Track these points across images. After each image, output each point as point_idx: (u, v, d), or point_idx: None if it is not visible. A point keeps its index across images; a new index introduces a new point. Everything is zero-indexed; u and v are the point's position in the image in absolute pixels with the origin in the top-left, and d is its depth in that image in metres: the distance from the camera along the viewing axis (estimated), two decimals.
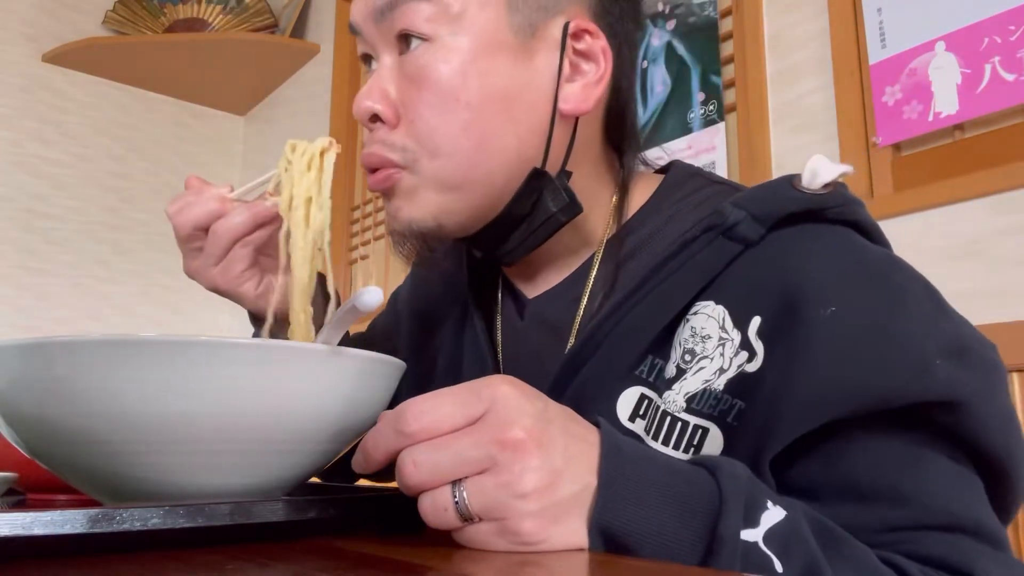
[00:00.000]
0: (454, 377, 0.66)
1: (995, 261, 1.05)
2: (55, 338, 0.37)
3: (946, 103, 1.12)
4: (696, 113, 1.45)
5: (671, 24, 1.53)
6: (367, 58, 0.60)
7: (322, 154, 0.56)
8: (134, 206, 2.66)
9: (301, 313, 0.55)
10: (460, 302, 0.68)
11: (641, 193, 0.62)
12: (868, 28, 1.22)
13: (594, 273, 0.60)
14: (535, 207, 0.57)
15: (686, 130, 1.46)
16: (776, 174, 1.18)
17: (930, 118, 1.13)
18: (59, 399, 0.38)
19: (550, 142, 0.56)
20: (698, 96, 1.46)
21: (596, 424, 0.40)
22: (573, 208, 0.57)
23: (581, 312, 0.59)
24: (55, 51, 2.50)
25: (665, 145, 1.48)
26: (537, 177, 0.56)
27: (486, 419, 0.37)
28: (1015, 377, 0.90)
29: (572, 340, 0.59)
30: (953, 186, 1.10)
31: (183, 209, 0.60)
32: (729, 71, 1.43)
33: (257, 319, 0.66)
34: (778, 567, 0.38)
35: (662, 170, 0.66)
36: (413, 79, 0.55)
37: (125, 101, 2.70)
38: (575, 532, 0.37)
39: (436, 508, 0.36)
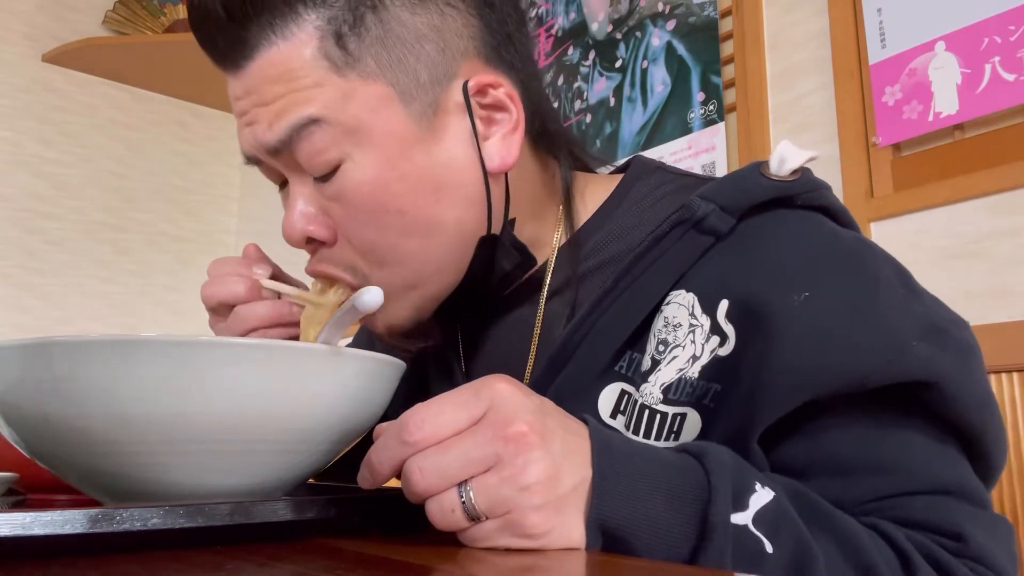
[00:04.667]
0: (422, 388, 0.67)
1: (995, 261, 1.05)
2: (55, 338, 0.37)
3: (946, 103, 1.12)
4: (696, 113, 1.45)
5: (671, 24, 1.52)
6: (279, 180, 0.57)
7: None
8: (134, 206, 2.66)
9: None
10: None
11: (597, 193, 0.62)
12: (868, 28, 1.22)
13: (548, 279, 0.60)
14: (490, 268, 0.58)
15: (686, 130, 1.46)
16: None
17: (930, 118, 1.13)
18: (59, 399, 0.38)
19: (491, 205, 0.56)
20: (698, 96, 1.46)
21: (584, 421, 0.41)
22: (527, 263, 0.58)
23: (541, 312, 0.60)
24: (55, 51, 2.50)
25: (665, 145, 1.49)
26: (486, 243, 0.56)
27: (487, 418, 0.37)
28: (1015, 377, 0.90)
29: (536, 338, 0.59)
30: (953, 186, 1.09)
31: (214, 282, 0.59)
32: (729, 71, 1.43)
33: None
34: (768, 548, 0.39)
35: (622, 168, 0.66)
36: (337, 200, 0.53)
37: (125, 101, 2.70)
38: (575, 525, 0.37)
39: (444, 510, 0.36)
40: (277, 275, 0.61)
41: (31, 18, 2.53)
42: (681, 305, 0.50)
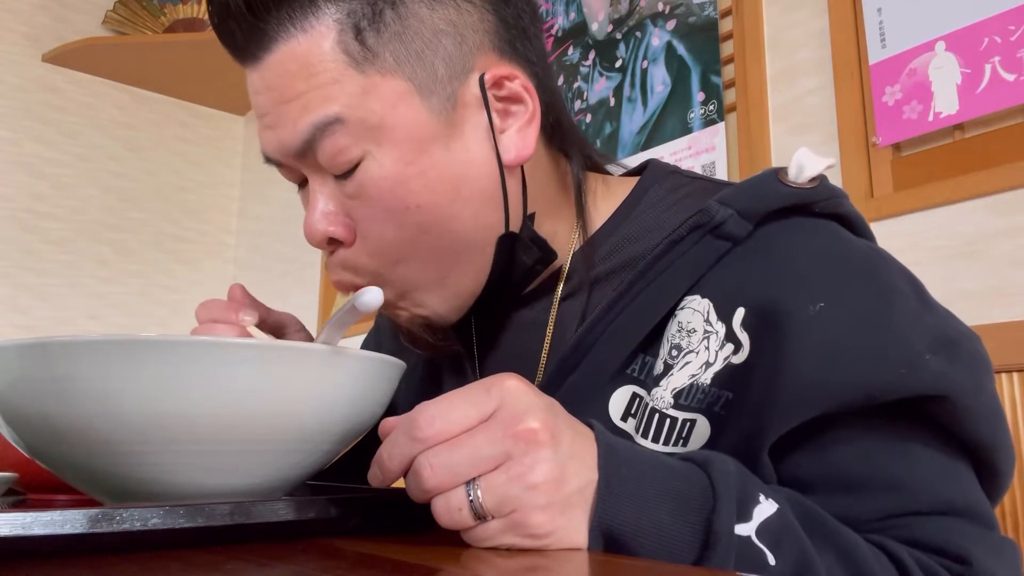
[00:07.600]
0: (435, 387, 0.67)
1: (995, 261, 1.05)
2: (55, 338, 0.37)
3: (946, 103, 1.12)
4: (696, 113, 1.45)
5: (671, 24, 1.52)
6: (298, 179, 0.57)
7: None
8: (134, 206, 2.66)
9: None
10: None
11: (611, 196, 0.62)
12: (868, 28, 1.22)
13: (563, 282, 0.60)
14: (511, 265, 0.57)
15: (686, 130, 1.46)
16: None
17: (930, 118, 1.13)
18: (59, 399, 0.38)
19: (507, 199, 0.55)
20: (698, 96, 1.46)
21: (589, 426, 0.41)
22: (547, 257, 0.58)
23: (554, 314, 0.60)
24: (55, 51, 2.50)
25: (665, 145, 1.49)
26: (506, 240, 0.56)
27: (498, 415, 0.37)
28: (1015, 377, 0.90)
29: (548, 340, 0.59)
30: (953, 186, 1.09)
31: (203, 329, 0.58)
32: (729, 71, 1.43)
33: None
34: (771, 560, 0.38)
35: (636, 171, 0.66)
36: (356, 197, 0.53)
37: (125, 101, 2.70)
38: (578, 528, 0.37)
39: (450, 509, 0.36)
40: (263, 316, 0.61)
41: (31, 18, 2.53)
42: (696, 311, 0.50)
